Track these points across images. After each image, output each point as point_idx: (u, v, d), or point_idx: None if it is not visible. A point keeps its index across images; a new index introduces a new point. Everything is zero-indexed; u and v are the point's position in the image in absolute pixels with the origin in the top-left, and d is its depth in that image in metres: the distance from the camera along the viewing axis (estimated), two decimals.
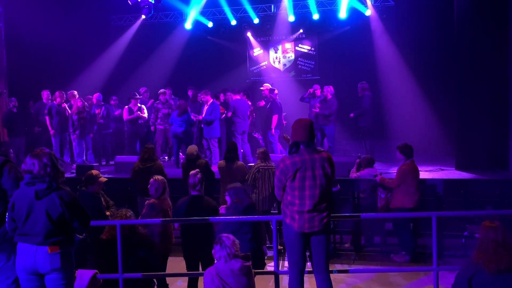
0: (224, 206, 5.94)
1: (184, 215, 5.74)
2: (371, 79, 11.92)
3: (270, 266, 7.25)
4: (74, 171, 10.47)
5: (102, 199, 6.26)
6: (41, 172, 4.03)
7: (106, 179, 6.43)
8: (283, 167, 4.66)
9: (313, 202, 4.58)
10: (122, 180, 9.26)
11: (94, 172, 6.30)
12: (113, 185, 8.28)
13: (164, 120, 11.77)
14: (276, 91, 11.57)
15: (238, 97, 11.24)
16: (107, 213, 6.05)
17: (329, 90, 11.24)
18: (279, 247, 7.29)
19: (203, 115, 10.81)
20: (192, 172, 6.17)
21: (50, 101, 11.69)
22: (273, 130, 11.35)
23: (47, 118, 11.44)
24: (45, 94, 11.85)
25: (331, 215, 4.74)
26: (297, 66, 15.16)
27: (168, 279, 5.73)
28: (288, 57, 15.22)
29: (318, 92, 11.57)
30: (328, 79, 13.69)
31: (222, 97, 11.86)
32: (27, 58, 12.88)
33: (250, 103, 11.67)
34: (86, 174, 6.29)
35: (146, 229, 5.33)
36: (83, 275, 4.65)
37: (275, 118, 11.30)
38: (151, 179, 6.23)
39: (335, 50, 14.21)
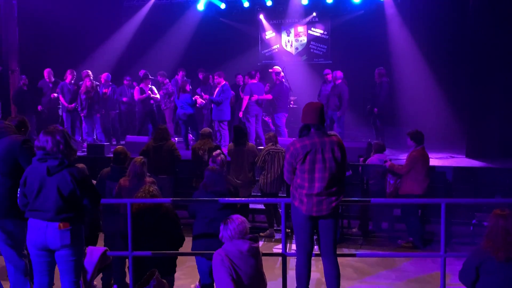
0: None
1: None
2: (384, 64, 11.82)
3: (277, 249, 7.32)
4: (85, 149, 10.55)
5: None
6: (54, 149, 4.07)
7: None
8: (293, 150, 4.67)
9: (322, 185, 4.59)
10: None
11: (120, 148, 6.34)
12: None
13: (163, 101, 12.03)
14: (282, 74, 11.47)
15: (254, 81, 11.26)
16: None
17: (338, 75, 11.16)
18: (287, 230, 7.34)
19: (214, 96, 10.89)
20: (214, 153, 6.23)
21: (50, 80, 11.71)
22: (276, 112, 11.31)
23: (60, 96, 11.53)
24: (46, 72, 11.82)
25: (341, 199, 4.75)
26: (309, 50, 15.06)
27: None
28: (301, 41, 15.12)
29: (329, 77, 11.50)
30: (340, 63, 13.60)
31: (241, 80, 11.94)
32: (39, 36, 12.92)
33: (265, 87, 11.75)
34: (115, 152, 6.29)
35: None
36: (93, 252, 4.72)
37: (278, 101, 11.25)
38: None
39: (348, 35, 14.08)
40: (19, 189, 4.21)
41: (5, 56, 12.47)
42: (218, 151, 6.42)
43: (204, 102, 11.69)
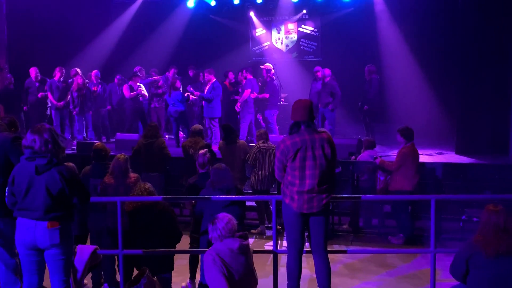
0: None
1: (192, 193, 5.80)
2: (374, 61, 11.85)
3: (269, 246, 7.33)
4: (75, 147, 10.49)
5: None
6: (42, 148, 4.04)
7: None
8: (284, 148, 4.67)
9: (313, 182, 4.60)
10: None
11: (100, 145, 6.30)
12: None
13: (154, 99, 12.05)
14: (272, 71, 11.48)
15: (246, 76, 11.30)
16: None
17: (327, 73, 11.16)
18: (278, 227, 7.35)
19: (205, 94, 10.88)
20: (201, 151, 6.26)
21: (37, 78, 11.56)
22: (267, 110, 11.31)
23: (49, 94, 11.44)
24: (33, 71, 11.61)
25: (332, 196, 4.76)
26: (299, 47, 15.05)
27: None
28: (291, 38, 15.11)
29: (319, 74, 11.50)
30: (331, 60, 13.62)
31: (228, 77, 11.93)
32: (28, 34, 12.81)
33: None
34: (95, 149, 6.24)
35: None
36: (84, 251, 4.69)
37: (264, 97, 11.26)
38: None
39: (338, 32, 14.09)
40: (7, 188, 4.18)
41: None
42: (205, 149, 6.42)
43: (195, 98, 11.67)
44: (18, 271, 4.71)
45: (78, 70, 11.81)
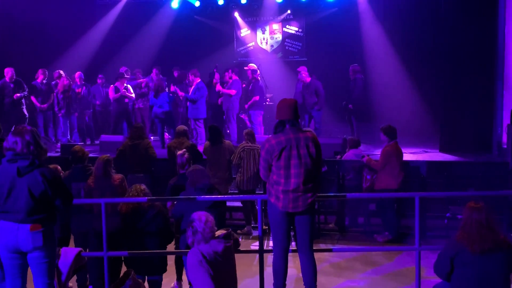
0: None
1: (177, 194, 5.79)
2: (358, 61, 11.92)
3: (255, 246, 7.32)
4: (59, 150, 10.39)
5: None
6: (24, 150, 3.99)
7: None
8: (269, 147, 4.67)
9: (298, 181, 4.61)
10: None
11: (78, 148, 6.25)
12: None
13: (139, 100, 12.00)
14: (258, 72, 11.51)
15: (231, 76, 11.33)
16: None
17: (305, 73, 11.18)
18: (264, 227, 7.35)
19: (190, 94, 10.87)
20: (179, 152, 6.28)
21: (11, 79, 11.25)
22: (246, 107, 11.32)
23: (32, 96, 11.30)
24: (9, 72, 11.18)
25: (317, 195, 4.77)
26: (284, 47, 15.08)
27: None
28: (276, 38, 15.13)
29: (302, 75, 11.48)
30: (315, 60, 13.69)
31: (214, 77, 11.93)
32: (9, 36, 12.66)
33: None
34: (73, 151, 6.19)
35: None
36: (68, 253, 4.65)
37: (255, 99, 11.26)
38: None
39: (323, 32, 14.14)
40: None
41: None
42: (184, 150, 6.44)
43: (181, 96, 11.61)
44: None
45: (62, 72, 11.71)
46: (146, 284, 5.20)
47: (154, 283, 5.20)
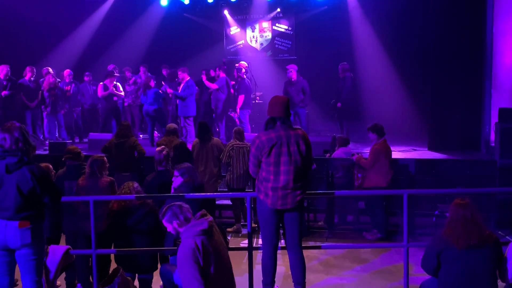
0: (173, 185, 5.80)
1: (153, 190, 5.83)
2: (348, 60, 11.94)
3: (245, 244, 7.31)
4: (47, 148, 10.31)
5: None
6: (13, 146, 3.96)
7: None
8: (259, 143, 4.67)
9: (287, 178, 4.61)
10: None
11: (73, 146, 6.22)
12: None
13: (128, 97, 12.06)
14: (243, 70, 11.48)
15: (220, 74, 11.31)
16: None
17: (294, 71, 11.17)
18: (253, 225, 7.35)
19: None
20: (157, 148, 6.33)
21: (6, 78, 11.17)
22: (238, 109, 11.32)
23: (21, 94, 11.20)
24: (4, 70, 11.05)
25: (306, 192, 4.78)
26: (274, 45, 15.08)
27: None
28: (265, 36, 15.12)
29: (290, 74, 11.46)
30: (305, 59, 13.70)
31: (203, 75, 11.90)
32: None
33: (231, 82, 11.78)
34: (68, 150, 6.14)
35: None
36: (56, 251, 4.62)
37: (241, 98, 11.25)
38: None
39: (312, 30, 14.18)
40: None
41: None
42: (162, 146, 6.48)
43: (170, 93, 11.57)
44: None
45: (50, 69, 11.61)
46: (136, 282, 5.18)
47: (144, 281, 5.19)
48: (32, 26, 12.93)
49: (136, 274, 5.20)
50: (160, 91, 11.11)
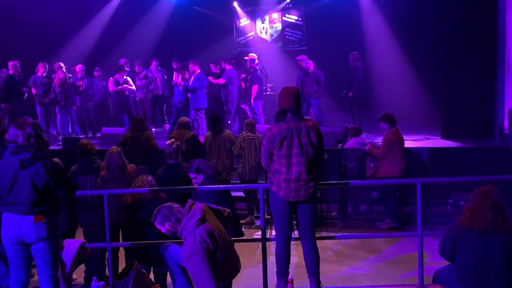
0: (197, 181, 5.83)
1: (164, 184, 5.85)
2: (359, 49, 11.88)
3: (258, 235, 7.34)
4: (61, 143, 10.40)
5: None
6: (25, 142, 3.99)
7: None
8: (270, 136, 4.66)
9: (300, 170, 4.60)
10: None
11: (86, 141, 6.25)
12: (101, 157, 8.28)
13: (139, 91, 12.10)
14: (256, 61, 11.48)
15: (230, 66, 11.30)
16: None
17: (310, 63, 11.16)
18: (266, 216, 7.37)
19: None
20: (168, 142, 6.34)
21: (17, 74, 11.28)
22: (252, 101, 11.33)
23: (33, 89, 11.29)
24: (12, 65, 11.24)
25: (319, 183, 4.77)
26: (284, 36, 15.02)
27: None
28: (275, 28, 15.07)
29: (303, 64, 11.44)
30: (315, 49, 13.64)
31: (213, 67, 11.88)
32: (11, 29, 12.63)
33: (241, 74, 11.77)
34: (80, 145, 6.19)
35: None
36: (71, 245, 4.67)
37: (254, 89, 11.25)
38: None
39: (323, 20, 14.07)
40: None
41: None
42: (172, 139, 6.48)
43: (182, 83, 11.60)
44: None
45: (62, 64, 11.68)
46: (151, 275, 5.22)
47: (159, 274, 5.22)
48: (43, 22, 12.99)
49: (152, 267, 5.23)
50: (172, 83, 11.19)
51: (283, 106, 4.72)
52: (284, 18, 14.95)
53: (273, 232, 5.11)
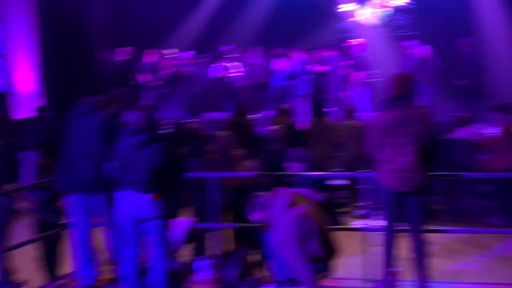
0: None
1: (266, 170, 5.91)
2: (473, 34, 11.25)
3: (357, 224, 7.24)
4: (168, 126, 10.85)
5: None
6: (142, 124, 4.22)
7: None
8: (377, 124, 4.56)
9: (407, 160, 4.47)
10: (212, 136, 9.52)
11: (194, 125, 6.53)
12: (208, 141, 8.55)
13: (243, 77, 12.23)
14: (362, 47, 11.22)
15: (332, 53, 11.14)
16: None
17: (422, 50, 10.73)
18: (370, 206, 7.23)
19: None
20: (270, 128, 6.42)
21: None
22: (356, 88, 11.10)
23: (143, 75, 11.87)
24: (127, 51, 11.99)
25: (428, 174, 4.60)
26: (392, 21, 14.50)
27: None
28: (383, 11, 14.57)
29: (412, 50, 11.03)
30: (426, 34, 12.98)
31: (314, 54, 11.80)
32: (124, 15, 13.35)
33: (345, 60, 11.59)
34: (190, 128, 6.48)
35: None
36: (181, 224, 4.88)
37: (359, 76, 11.01)
38: None
39: (435, 3, 13.41)
40: (110, 162, 4.40)
41: (96, 36, 12.90)
42: (275, 126, 6.52)
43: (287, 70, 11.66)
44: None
45: (170, 50, 12.17)
46: (257, 257, 5.32)
47: (264, 257, 5.28)
48: (153, 8, 13.59)
49: (257, 250, 5.33)
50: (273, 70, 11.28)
51: (393, 93, 4.60)
52: (392, 1, 14.42)
53: (376, 223, 5.01)
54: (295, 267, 4.16)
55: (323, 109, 8.27)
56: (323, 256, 4.33)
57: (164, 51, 12.18)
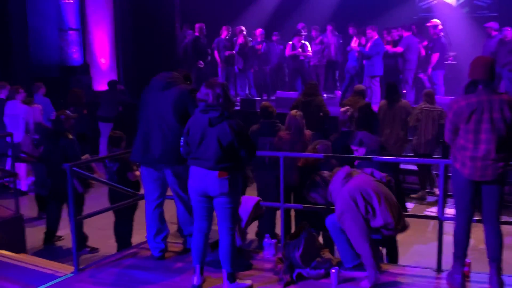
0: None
1: (336, 151, 5.81)
2: None
3: (429, 212, 7.03)
4: (239, 104, 10.94)
5: None
6: (214, 102, 4.23)
7: None
8: (457, 109, 4.34)
9: (488, 148, 4.24)
10: (283, 115, 9.47)
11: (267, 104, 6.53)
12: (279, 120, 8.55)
13: (314, 57, 12.18)
14: (439, 28, 10.72)
15: (409, 33, 10.80)
16: None
17: (508, 30, 10.10)
18: (445, 193, 6.99)
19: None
20: (342, 109, 6.27)
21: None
22: (430, 70, 10.67)
23: (216, 52, 11.99)
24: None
25: (510, 163, 4.35)
26: (472, 1, 13.81)
27: None
28: None
29: (493, 32, 10.41)
30: (508, 16, 12.29)
31: (391, 34, 11.44)
32: None
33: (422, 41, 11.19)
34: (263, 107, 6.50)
35: None
36: (248, 201, 4.91)
37: (435, 57, 10.55)
38: None
39: None
40: (182, 138, 4.46)
41: (172, 12, 13.09)
42: (347, 107, 6.37)
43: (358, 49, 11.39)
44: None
45: (243, 28, 12.18)
46: (320, 238, 5.30)
47: (328, 239, 5.26)
48: None
49: (321, 232, 5.30)
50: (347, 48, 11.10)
51: (474, 77, 4.36)
52: None
53: (448, 211, 4.82)
54: (356, 241, 4.15)
55: (398, 91, 7.98)
56: (392, 225, 4.24)
57: (238, 28, 12.20)
